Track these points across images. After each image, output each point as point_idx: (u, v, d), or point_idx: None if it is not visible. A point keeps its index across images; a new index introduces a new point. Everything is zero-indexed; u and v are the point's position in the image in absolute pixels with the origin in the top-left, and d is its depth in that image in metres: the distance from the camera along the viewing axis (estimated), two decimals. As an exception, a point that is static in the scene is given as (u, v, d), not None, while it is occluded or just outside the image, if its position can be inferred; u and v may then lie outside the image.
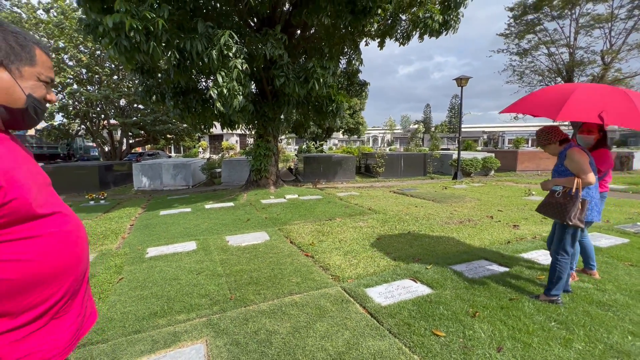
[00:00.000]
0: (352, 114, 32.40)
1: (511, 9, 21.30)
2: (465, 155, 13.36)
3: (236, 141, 40.11)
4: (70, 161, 22.17)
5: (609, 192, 8.68)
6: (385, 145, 57.46)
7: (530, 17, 20.90)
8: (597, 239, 4.27)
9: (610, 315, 2.43)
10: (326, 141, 34.84)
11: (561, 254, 2.61)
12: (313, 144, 21.42)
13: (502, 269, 3.38)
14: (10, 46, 0.81)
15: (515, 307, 2.58)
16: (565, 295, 2.75)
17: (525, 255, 3.77)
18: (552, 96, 2.70)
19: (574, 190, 2.49)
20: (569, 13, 19.82)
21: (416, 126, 41.96)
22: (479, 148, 35.49)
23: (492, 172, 13.67)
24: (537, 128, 2.98)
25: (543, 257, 3.71)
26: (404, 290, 2.96)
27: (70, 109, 14.63)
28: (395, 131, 61.80)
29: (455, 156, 12.91)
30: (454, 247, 4.14)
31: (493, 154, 13.90)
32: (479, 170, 13.14)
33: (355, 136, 36.72)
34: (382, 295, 2.87)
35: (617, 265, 3.42)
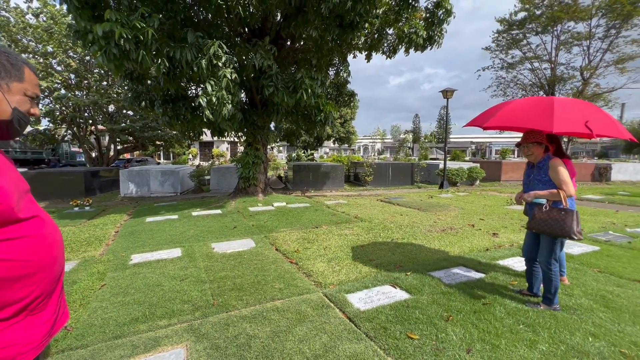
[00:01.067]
0: (342, 123, 32.79)
1: (500, 22, 22.13)
2: (452, 165, 13.68)
3: (227, 148, 40.00)
4: (55, 167, 21.74)
5: (586, 202, 9.02)
6: (376, 154, 58.08)
7: (515, 31, 21.79)
8: (570, 247, 4.46)
9: (575, 318, 2.57)
10: (317, 150, 35.09)
11: (552, 263, 2.66)
12: (303, 153, 21.55)
13: (479, 275, 3.51)
14: (1, 64, 0.90)
15: (487, 311, 2.70)
16: (534, 299, 2.88)
17: (502, 262, 3.92)
18: (533, 110, 2.67)
19: (564, 203, 2.55)
20: (551, 29, 20.74)
21: (404, 136, 42.68)
22: (467, 158, 36.22)
23: (478, 181, 14.00)
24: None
25: (518, 264, 3.86)
26: (383, 295, 3.05)
27: (57, 114, 14.43)
28: (385, 140, 62.67)
29: (441, 166, 13.20)
30: (434, 255, 4.27)
31: (478, 164, 14.26)
32: (464, 180, 13.45)
33: (346, 145, 37.10)
34: (362, 300, 2.96)
35: (586, 271, 3.59)
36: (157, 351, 2.24)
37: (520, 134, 3.09)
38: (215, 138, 9.29)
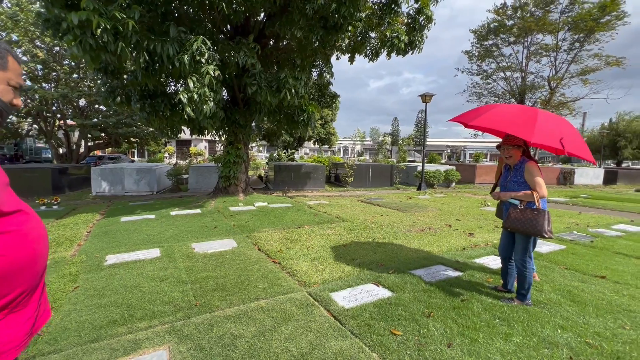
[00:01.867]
0: (323, 124, 32.95)
1: (474, 32, 23.09)
2: (429, 167, 14.09)
3: (205, 147, 39.09)
4: (18, 163, 20.36)
5: (553, 204, 9.56)
6: (356, 155, 58.78)
7: (489, 42, 22.81)
8: (539, 246, 4.72)
9: (545, 312, 2.73)
10: (297, 150, 35.01)
11: (527, 261, 2.81)
12: (284, 153, 21.45)
13: (457, 274, 3.65)
14: None
15: (465, 307, 2.82)
16: (508, 294, 3.04)
17: (478, 261, 4.10)
18: (519, 117, 2.77)
19: (537, 204, 2.72)
20: (523, 40, 21.89)
21: (382, 138, 43.59)
22: (443, 161, 37.37)
23: (454, 184, 14.51)
24: (495, 144, 3.16)
25: (493, 262, 4.05)
26: (366, 293, 3.11)
27: (22, 107, 13.57)
28: (365, 142, 63.47)
29: (419, 168, 13.57)
30: (414, 254, 4.39)
31: (454, 167, 14.78)
32: (441, 182, 13.89)
33: (327, 146, 37.30)
34: (346, 298, 3.00)
35: (554, 268, 3.83)
36: (138, 354, 2.17)
37: (498, 139, 3.25)
38: (194, 136, 9.08)
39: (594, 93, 21.69)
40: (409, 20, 7.41)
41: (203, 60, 5.69)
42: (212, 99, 6.05)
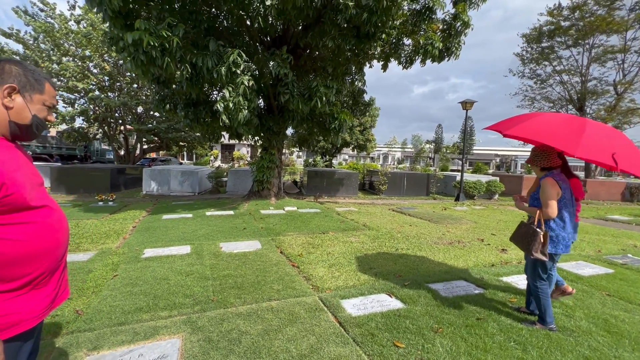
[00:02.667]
0: (362, 131, 32.80)
1: (524, 36, 21.61)
2: (469, 177, 13.38)
3: (247, 151, 40.96)
4: (86, 163, 23.09)
5: (611, 223, 8.57)
6: (395, 163, 57.49)
7: (544, 44, 21.14)
8: (581, 268, 4.30)
9: (570, 340, 2.51)
10: (336, 156, 35.22)
11: (538, 280, 2.68)
12: (321, 159, 21.72)
13: (478, 290, 3.47)
14: (27, 79, 1.11)
15: (479, 326, 2.68)
16: (531, 317, 2.83)
17: (505, 279, 3.85)
18: (563, 128, 2.54)
19: (535, 222, 2.60)
20: (583, 42, 19.98)
21: (421, 146, 42.34)
22: (490, 171, 35.13)
23: (497, 195, 13.61)
24: None
25: (522, 281, 3.77)
26: (377, 303, 3.09)
27: (91, 113, 15.41)
28: (406, 149, 61.85)
29: (458, 178, 12.94)
30: (436, 267, 4.24)
31: (498, 178, 13.86)
32: (482, 193, 13.11)
33: (365, 152, 37.04)
34: (356, 307, 3.01)
35: (593, 294, 3.47)
36: (156, 339, 2.40)
37: None
38: (236, 141, 9.69)
39: (672, 98, 19.03)
40: (445, 27, 7.22)
41: (239, 71, 6.08)
42: (246, 107, 6.42)
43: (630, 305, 3.23)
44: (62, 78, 14.28)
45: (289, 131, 12.34)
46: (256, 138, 9.47)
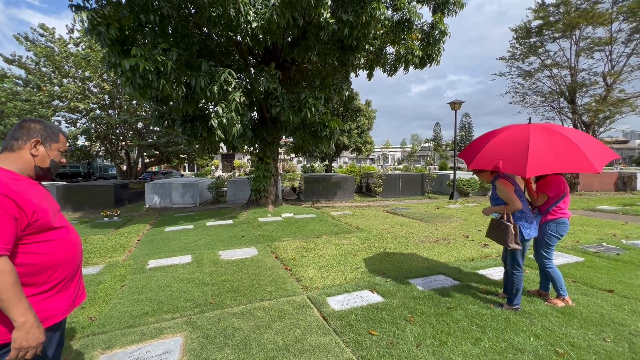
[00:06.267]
0: (360, 133, 33.24)
1: (515, 30, 21.98)
2: (463, 175, 13.69)
3: (247, 160, 41.46)
4: (90, 179, 23.61)
5: (599, 213, 8.84)
6: (396, 163, 57.78)
7: (533, 39, 21.50)
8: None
9: (526, 321, 2.83)
10: (335, 160, 35.60)
11: (516, 268, 3.02)
12: (319, 164, 22.09)
13: (455, 283, 3.79)
14: (47, 133, 1.48)
15: (448, 314, 3.01)
16: (502, 300, 3.16)
17: (481, 272, 4.16)
18: (510, 148, 2.77)
19: (504, 217, 2.95)
20: (570, 35, 20.32)
21: (413, 146, 43.10)
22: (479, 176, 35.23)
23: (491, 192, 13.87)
24: None
25: (498, 273, 4.08)
26: (359, 299, 3.42)
27: (92, 132, 15.88)
28: (405, 149, 62.14)
29: (452, 176, 13.25)
30: (419, 263, 4.56)
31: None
32: (476, 191, 13.40)
33: (364, 155, 37.46)
34: (340, 302, 3.34)
35: (560, 281, 3.77)
36: (161, 338, 2.74)
37: None
38: (236, 152, 10.15)
39: (661, 87, 19.29)
40: (423, 36, 7.60)
41: (230, 89, 6.47)
42: (239, 122, 6.80)
43: (591, 289, 3.54)
44: (64, 99, 14.78)
45: (289, 138, 12.72)
46: (251, 149, 9.85)
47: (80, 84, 15.19)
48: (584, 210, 9.63)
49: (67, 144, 1.68)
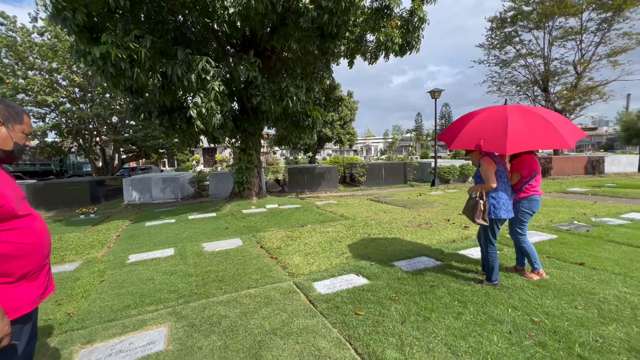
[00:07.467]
0: (343, 125, 33.24)
1: (490, 21, 22.46)
2: (443, 163, 14.00)
3: (230, 153, 40.72)
4: (63, 177, 22.53)
5: (570, 195, 9.28)
6: (379, 154, 58.38)
7: (508, 29, 22.06)
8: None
9: (504, 295, 2.95)
10: (319, 152, 35.55)
11: (489, 246, 3.16)
12: (302, 156, 22.00)
13: (437, 263, 3.90)
14: (9, 113, 1.38)
15: (431, 292, 3.09)
16: (482, 277, 3.28)
17: (462, 252, 4.29)
18: (490, 128, 2.89)
19: (478, 195, 3.06)
20: (543, 25, 20.97)
21: (394, 136, 44.11)
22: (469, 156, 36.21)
23: (470, 178, 14.28)
24: None
25: (477, 253, 4.20)
26: (345, 282, 3.46)
27: (63, 127, 15.10)
28: (388, 140, 62.81)
29: (433, 164, 13.53)
30: (403, 247, 4.66)
31: (470, 162, 14.55)
32: (457, 177, 13.76)
33: (348, 146, 37.58)
34: (326, 286, 3.37)
35: (535, 257, 3.95)
36: (144, 329, 2.68)
37: None
38: (217, 145, 9.90)
39: (627, 74, 20.30)
40: (403, 23, 7.62)
41: (208, 78, 6.29)
42: (219, 112, 6.64)
43: (563, 263, 3.73)
44: (30, 93, 13.95)
45: (271, 131, 12.54)
46: (232, 140, 9.67)
47: (47, 76, 14.37)
48: (557, 192, 10.09)
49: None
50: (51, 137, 16.55)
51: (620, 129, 33.62)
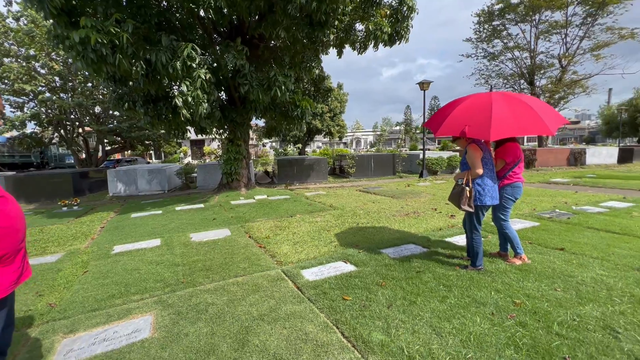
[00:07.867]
0: (332, 117, 33.12)
1: (478, 15, 22.59)
2: (432, 154, 14.16)
3: (218, 146, 40.09)
4: (44, 169, 21.83)
5: (553, 185, 9.54)
6: (368, 146, 58.56)
7: (496, 22, 22.25)
8: (514, 224, 4.92)
9: (488, 279, 3.02)
10: (309, 144, 35.40)
11: (474, 232, 3.22)
12: (292, 148, 21.87)
13: (423, 250, 3.96)
14: None
15: (417, 277, 3.14)
16: (467, 262, 3.35)
17: (448, 239, 4.37)
18: (474, 114, 2.92)
19: (464, 181, 3.10)
20: (530, 19, 21.22)
21: (382, 127, 44.76)
22: (458, 148, 36.79)
23: (458, 169, 14.50)
24: None
25: (463, 240, 4.28)
26: (333, 269, 3.48)
27: (43, 117, 14.56)
28: (377, 132, 63.00)
29: (422, 156, 13.66)
30: (391, 235, 4.71)
31: (458, 153, 14.74)
32: (444, 169, 13.95)
33: (337, 138, 37.54)
34: (314, 274, 3.38)
35: (518, 243, 4.05)
36: (129, 318, 2.64)
37: None
38: (205, 136, 9.71)
39: (609, 69, 20.83)
40: (392, 12, 7.57)
41: (194, 65, 6.13)
42: (206, 100, 6.50)
43: (545, 249, 3.84)
44: (6, 81, 13.36)
45: (260, 123, 12.37)
46: (220, 131, 9.51)
47: (24, 63, 13.77)
48: (540, 183, 10.35)
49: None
50: (30, 127, 15.97)
51: (601, 123, 34.63)
